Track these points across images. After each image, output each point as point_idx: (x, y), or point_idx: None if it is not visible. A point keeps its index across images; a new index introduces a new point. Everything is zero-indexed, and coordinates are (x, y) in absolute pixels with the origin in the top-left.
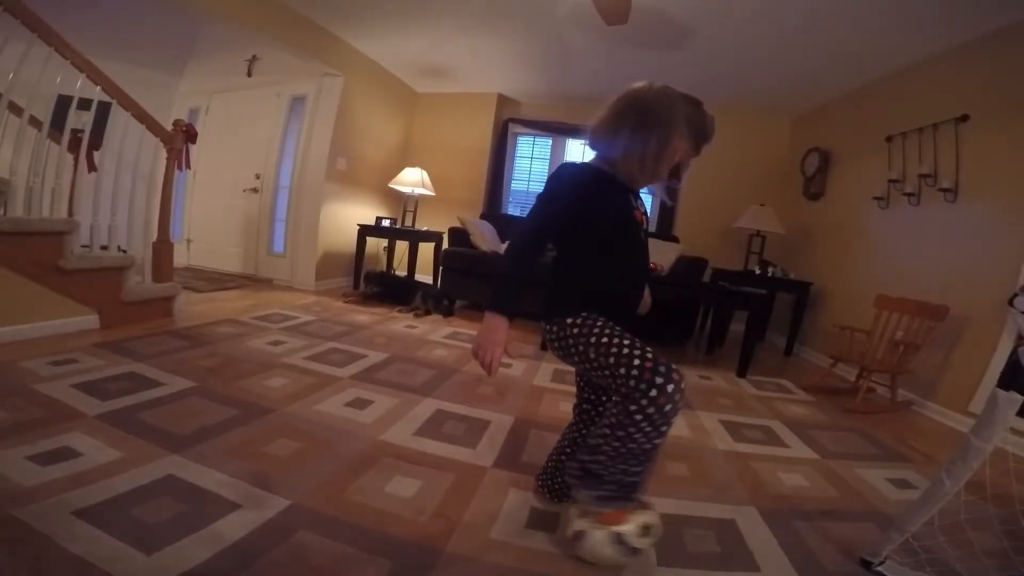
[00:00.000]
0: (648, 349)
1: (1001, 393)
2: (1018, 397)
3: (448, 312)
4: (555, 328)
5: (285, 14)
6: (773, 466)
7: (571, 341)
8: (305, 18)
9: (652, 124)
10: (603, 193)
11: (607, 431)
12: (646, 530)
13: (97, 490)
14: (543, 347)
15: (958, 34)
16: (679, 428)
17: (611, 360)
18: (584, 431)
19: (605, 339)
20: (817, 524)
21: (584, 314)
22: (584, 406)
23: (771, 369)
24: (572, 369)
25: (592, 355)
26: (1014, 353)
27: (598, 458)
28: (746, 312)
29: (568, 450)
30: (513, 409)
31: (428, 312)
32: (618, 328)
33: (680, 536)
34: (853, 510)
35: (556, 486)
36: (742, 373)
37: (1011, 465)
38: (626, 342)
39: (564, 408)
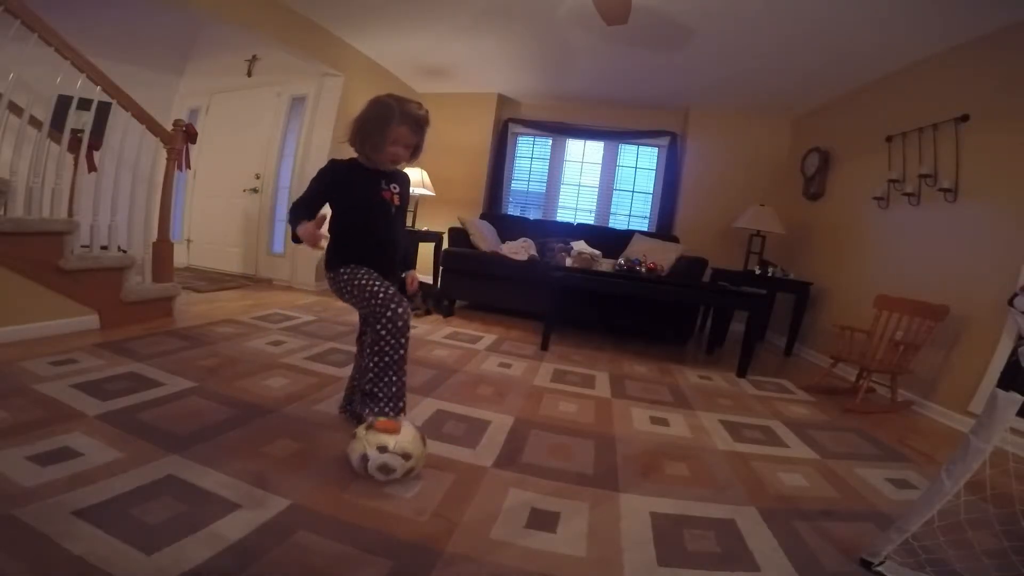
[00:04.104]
0: (388, 287)
1: (1001, 393)
2: (1018, 397)
3: (448, 312)
4: (332, 275)
5: (285, 14)
6: (773, 466)
7: (342, 284)
8: (305, 18)
9: (375, 119)
10: (347, 180)
11: (368, 351)
12: (407, 455)
13: (97, 490)
14: (543, 347)
15: (958, 34)
16: (679, 428)
17: (366, 295)
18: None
19: (359, 282)
20: (817, 524)
21: (352, 265)
22: (364, 339)
23: (771, 369)
24: (572, 369)
25: (356, 292)
26: (1014, 353)
27: (369, 376)
28: (746, 312)
29: (356, 377)
30: (513, 409)
31: (428, 312)
32: (373, 274)
33: (680, 536)
34: (853, 510)
35: (354, 410)
36: (742, 373)
37: (1011, 465)
38: (375, 285)
39: (564, 408)
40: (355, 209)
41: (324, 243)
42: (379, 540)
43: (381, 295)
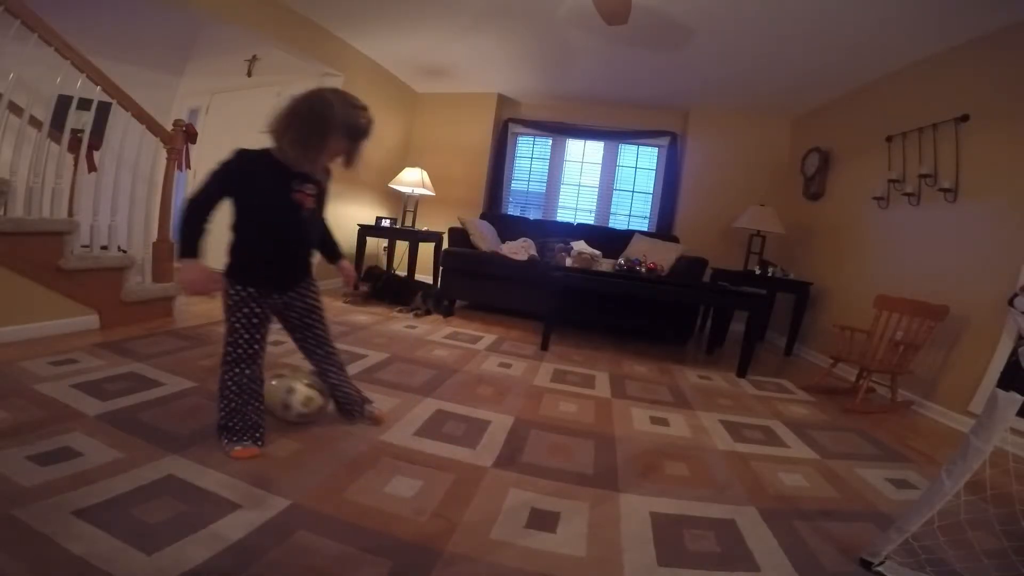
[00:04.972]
0: (251, 344)
1: (1001, 393)
2: (1018, 397)
3: (448, 312)
4: (226, 286)
5: (285, 14)
6: (773, 466)
7: (227, 304)
8: (305, 18)
9: (312, 122)
10: (253, 177)
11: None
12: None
13: (97, 490)
14: (543, 347)
15: (958, 34)
16: (679, 428)
17: (229, 337)
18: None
19: (232, 323)
20: (817, 524)
21: (238, 287)
22: (307, 344)
23: (771, 369)
24: (572, 369)
25: (226, 324)
26: (1014, 353)
27: (222, 410)
28: (746, 312)
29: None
30: (513, 409)
31: (428, 312)
32: (248, 316)
33: (680, 536)
34: (853, 510)
35: (350, 411)
36: (742, 373)
37: (1011, 465)
38: (241, 335)
39: (564, 408)
40: (259, 209)
41: (216, 288)
42: (379, 540)
43: (239, 351)
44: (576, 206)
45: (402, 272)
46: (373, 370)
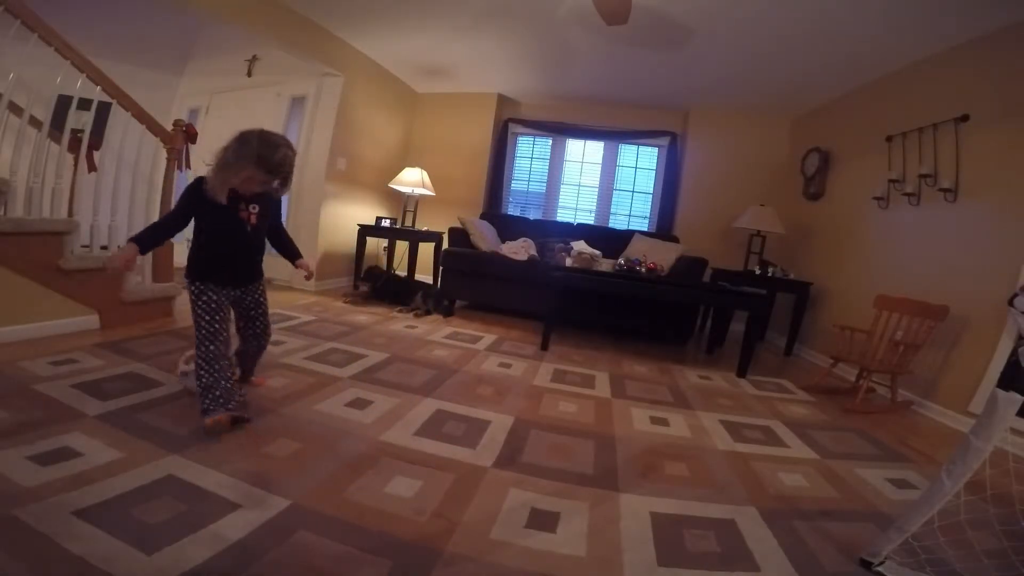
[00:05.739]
0: (213, 322)
1: (1001, 393)
2: (1018, 397)
3: (448, 312)
4: (188, 283)
5: (285, 14)
6: (773, 466)
7: (191, 298)
8: (305, 18)
9: (233, 159)
10: (203, 200)
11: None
12: None
13: (97, 490)
14: (543, 347)
15: (958, 34)
16: (679, 428)
17: (195, 323)
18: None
19: (196, 310)
20: (817, 524)
21: (198, 283)
22: (247, 332)
23: (771, 369)
24: (572, 369)
25: (193, 314)
26: (1014, 353)
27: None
28: (746, 312)
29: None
30: (513, 409)
31: (428, 312)
32: (209, 305)
33: (680, 536)
34: (853, 510)
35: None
36: (742, 373)
37: (1011, 465)
38: (203, 318)
39: (564, 408)
40: (213, 226)
41: (129, 269)
42: (379, 540)
43: (203, 331)
44: (576, 206)
45: (402, 272)
46: (373, 370)
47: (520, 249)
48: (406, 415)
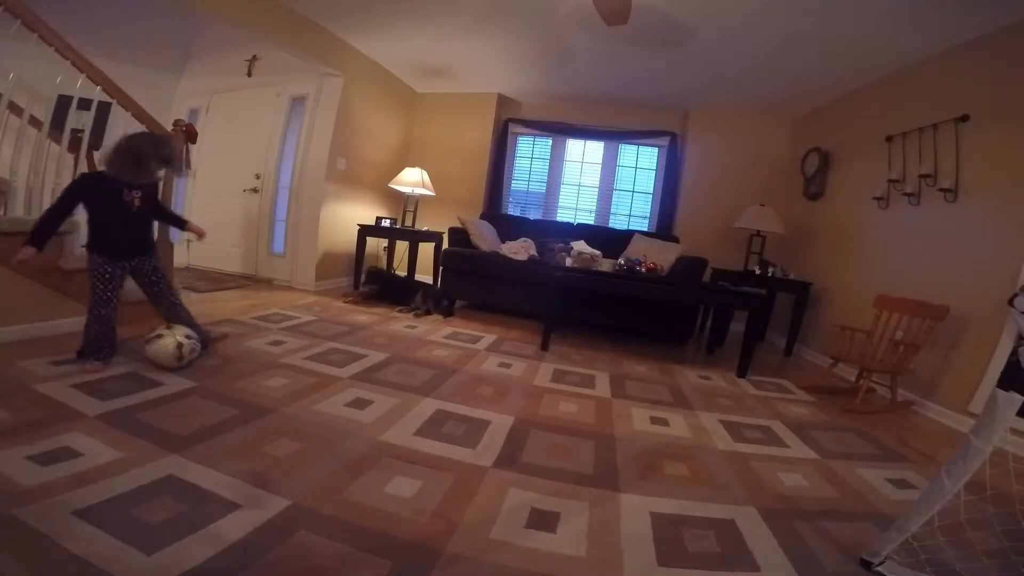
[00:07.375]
0: (106, 289)
1: (1001, 393)
2: (1018, 397)
3: (448, 312)
4: (88, 255)
5: (285, 14)
6: (773, 466)
7: (89, 268)
8: (305, 18)
9: (126, 155)
10: (94, 188)
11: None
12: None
13: (97, 490)
14: (543, 347)
15: (958, 34)
16: (679, 428)
17: (91, 288)
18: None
19: (91, 278)
20: (817, 524)
21: (96, 256)
22: (154, 297)
23: (771, 369)
24: (572, 369)
25: (89, 280)
26: (1014, 353)
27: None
28: (746, 312)
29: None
30: (513, 409)
31: (428, 312)
32: (103, 275)
33: (680, 536)
34: (853, 510)
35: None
36: (742, 373)
37: (1011, 465)
38: (97, 285)
39: (564, 408)
40: (103, 209)
41: (22, 259)
42: (379, 540)
43: (97, 297)
44: (576, 206)
45: (402, 272)
46: (373, 370)
47: (520, 249)
48: (406, 415)
